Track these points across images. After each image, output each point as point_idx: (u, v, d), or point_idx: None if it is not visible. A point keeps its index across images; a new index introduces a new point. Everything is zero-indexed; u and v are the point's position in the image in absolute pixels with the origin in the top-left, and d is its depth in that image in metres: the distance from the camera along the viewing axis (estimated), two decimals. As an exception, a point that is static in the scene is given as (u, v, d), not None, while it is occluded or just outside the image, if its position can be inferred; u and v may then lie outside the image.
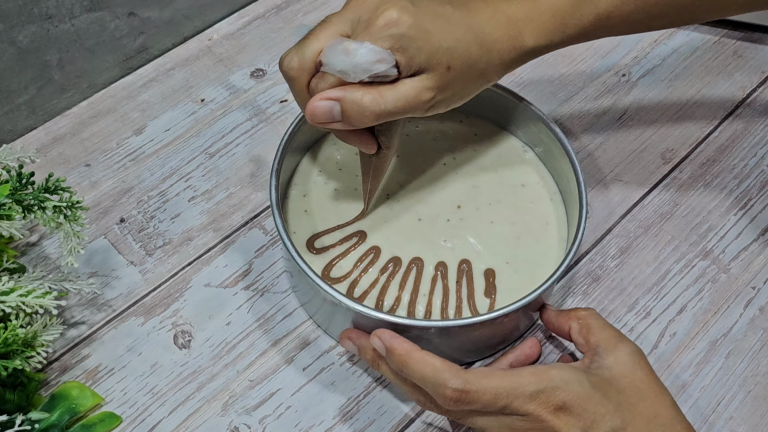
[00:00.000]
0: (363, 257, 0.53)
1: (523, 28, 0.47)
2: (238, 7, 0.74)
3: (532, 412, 0.42)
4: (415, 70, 0.44)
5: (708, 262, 0.59)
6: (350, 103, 0.43)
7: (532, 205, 0.56)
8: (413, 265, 0.53)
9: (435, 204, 0.56)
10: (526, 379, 0.42)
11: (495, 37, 0.47)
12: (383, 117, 0.44)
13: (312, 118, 0.44)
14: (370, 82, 0.43)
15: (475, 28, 0.46)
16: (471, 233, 0.55)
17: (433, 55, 0.44)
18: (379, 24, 0.43)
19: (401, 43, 0.42)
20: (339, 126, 0.44)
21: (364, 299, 0.52)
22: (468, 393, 0.42)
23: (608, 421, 0.42)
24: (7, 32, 0.59)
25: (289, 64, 0.44)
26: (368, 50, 0.42)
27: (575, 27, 0.48)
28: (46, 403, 0.51)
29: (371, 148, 0.49)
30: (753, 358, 0.55)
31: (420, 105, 0.45)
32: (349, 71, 0.42)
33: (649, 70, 0.71)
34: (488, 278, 0.53)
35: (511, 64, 0.48)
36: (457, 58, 0.45)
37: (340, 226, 0.55)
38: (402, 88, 0.44)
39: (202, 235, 0.60)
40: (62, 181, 0.49)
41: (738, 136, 0.67)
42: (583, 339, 0.48)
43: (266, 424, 0.52)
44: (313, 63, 0.44)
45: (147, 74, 0.69)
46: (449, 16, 0.45)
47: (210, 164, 0.64)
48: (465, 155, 0.59)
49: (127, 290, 0.57)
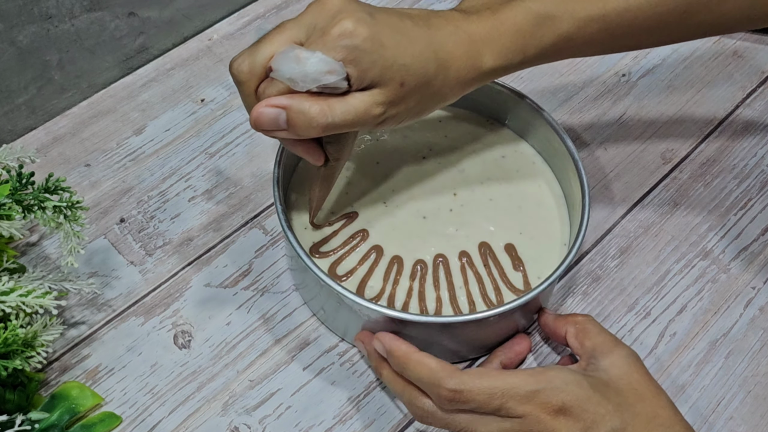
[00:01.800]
0: (389, 270, 0.53)
1: (483, 48, 0.46)
2: (238, 7, 0.74)
3: (529, 413, 0.42)
4: (366, 84, 0.43)
5: (708, 262, 0.59)
6: (297, 112, 0.42)
7: (518, 172, 0.58)
8: (439, 263, 0.54)
9: (431, 198, 0.56)
10: (522, 380, 0.42)
11: (454, 55, 0.45)
12: (330, 129, 0.43)
13: (256, 124, 0.43)
14: (320, 92, 0.42)
15: (434, 44, 0.44)
16: (477, 216, 0.56)
17: (387, 70, 0.42)
18: (334, 34, 0.41)
19: (354, 55, 0.41)
20: (284, 135, 0.43)
21: (408, 307, 0.52)
22: (462, 393, 0.42)
23: (608, 421, 0.42)
24: (7, 32, 0.59)
25: (239, 67, 0.43)
26: (319, 60, 0.41)
27: (536, 48, 0.47)
28: (46, 403, 0.51)
29: (318, 159, 0.48)
30: (753, 358, 0.55)
31: (369, 120, 0.43)
32: (298, 80, 0.41)
33: (649, 70, 0.71)
34: (510, 253, 0.54)
35: (469, 83, 0.47)
36: (411, 75, 0.43)
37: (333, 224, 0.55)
38: (351, 102, 0.43)
39: (202, 235, 0.60)
40: (62, 181, 0.49)
41: (738, 136, 0.67)
42: (578, 343, 0.48)
43: (266, 424, 0.52)
44: (264, 68, 0.43)
45: (147, 74, 0.69)
46: (408, 31, 0.44)
47: (210, 164, 0.64)
48: (440, 144, 0.59)
49: (127, 290, 0.57)
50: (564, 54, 0.49)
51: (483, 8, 0.47)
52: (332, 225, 0.55)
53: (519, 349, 0.53)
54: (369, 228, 0.55)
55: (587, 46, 0.49)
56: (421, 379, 0.44)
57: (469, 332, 0.51)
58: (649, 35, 0.50)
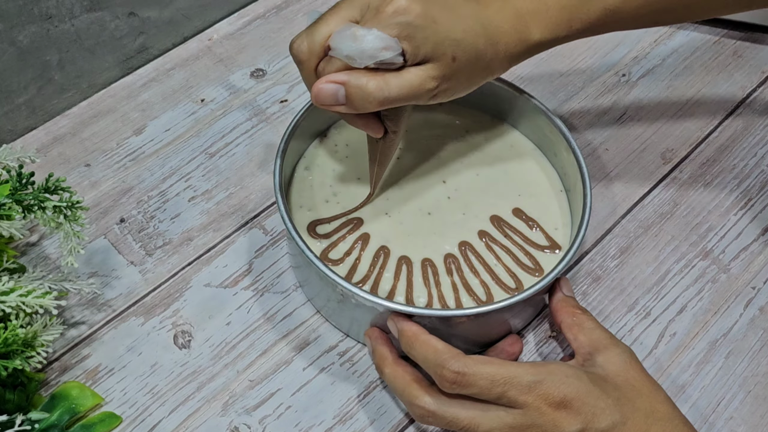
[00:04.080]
0: (425, 277, 0.53)
1: (530, 22, 0.48)
2: (238, 7, 0.74)
3: (530, 404, 0.42)
4: (420, 59, 0.44)
5: (708, 262, 0.59)
6: (355, 87, 0.44)
7: (488, 142, 0.60)
8: (464, 251, 0.54)
9: (424, 191, 0.57)
10: (525, 370, 0.43)
11: (502, 30, 0.47)
12: (387, 103, 0.45)
13: (317, 100, 0.45)
14: (376, 68, 0.44)
15: (482, 20, 0.46)
16: (474, 194, 0.57)
17: (440, 45, 0.44)
18: (388, 11, 0.43)
19: (408, 32, 0.43)
20: (343, 109, 0.45)
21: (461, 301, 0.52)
22: (465, 375, 0.43)
23: (608, 415, 0.42)
24: (7, 32, 0.59)
25: (299, 47, 0.45)
26: (375, 37, 0.42)
27: (582, 21, 0.49)
28: (46, 403, 0.51)
29: (378, 132, 0.50)
30: (753, 358, 0.55)
31: (423, 93, 0.45)
32: (355, 57, 0.43)
33: (649, 70, 0.71)
34: (520, 216, 0.56)
35: (517, 57, 0.49)
36: (463, 50, 0.45)
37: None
38: (407, 76, 0.44)
39: (202, 235, 0.60)
40: (62, 181, 0.49)
41: (738, 136, 0.67)
42: (572, 335, 0.48)
43: (266, 424, 0.52)
44: (322, 47, 0.45)
45: (147, 74, 0.69)
46: (458, 7, 0.46)
47: (210, 164, 0.64)
48: (409, 139, 0.60)
49: (127, 290, 0.57)
50: (610, 27, 0.50)
51: None
52: (331, 237, 0.55)
53: (511, 351, 0.53)
54: (387, 244, 0.54)
55: (632, 20, 0.50)
56: (426, 359, 0.45)
57: (470, 327, 0.51)
58: (692, 8, 0.50)
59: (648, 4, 0.49)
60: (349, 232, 0.55)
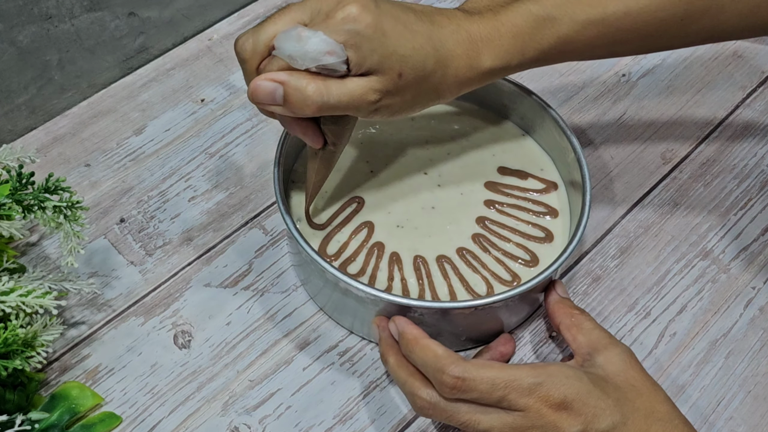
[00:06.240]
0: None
1: (482, 48, 0.46)
2: (238, 7, 0.74)
3: (531, 406, 0.42)
4: (365, 70, 0.43)
5: (708, 262, 0.59)
6: (293, 88, 0.43)
7: (458, 125, 0.61)
8: (486, 225, 0.55)
9: (418, 188, 0.57)
10: (525, 372, 0.43)
11: (454, 53, 0.46)
12: (325, 109, 0.43)
13: (253, 96, 0.44)
14: (318, 73, 0.43)
15: (434, 41, 0.45)
16: (458, 172, 0.58)
17: (386, 58, 0.43)
18: (338, 17, 0.42)
19: (356, 40, 0.42)
20: (280, 110, 0.44)
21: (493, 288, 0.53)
22: (465, 380, 0.43)
23: (608, 416, 0.42)
24: (7, 32, 0.59)
25: (243, 45, 0.44)
26: (320, 40, 0.42)
27: (536, 50, 0.48)
28: (46, 403, 0.51)
29: (316, 142, 0.48)
30: (753, 358, 0.55)
31: (364, 105, 0.44)
32: (297, 57, 0.42)
33: (649, 70, 0.71)
34: (506, 172, 0.58)
35: (466, 83, 0.47)
36: (410, 67, 0.44)
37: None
38: (349, 85, 0.43)
39: (202, 235, 0.60)
40: (62, 181, 0.49)
41: (738, 136, 0.67)
42: (571, 336, 0.48)
43: (266, 424, 0.52)
44: (267, 46, 0.44)
45: (147, 74, 0.69)
46: (411, 24, 0.44)
47: (210, 164, 0.64)
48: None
49: (127, 290, 0.57)
50: (564, 57, 0.49)
51: (485, 9, 0.47)
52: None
53: (504, 350, 0.53)
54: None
55: (587, 50, 0.49)
56: (426, 364, 0.44)
57: (471, 319, 0.52)
58: (649, 40, 0.50)
59: (603, 35, 0.48)
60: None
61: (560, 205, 0.56)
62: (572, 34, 0.48)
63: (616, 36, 0.48)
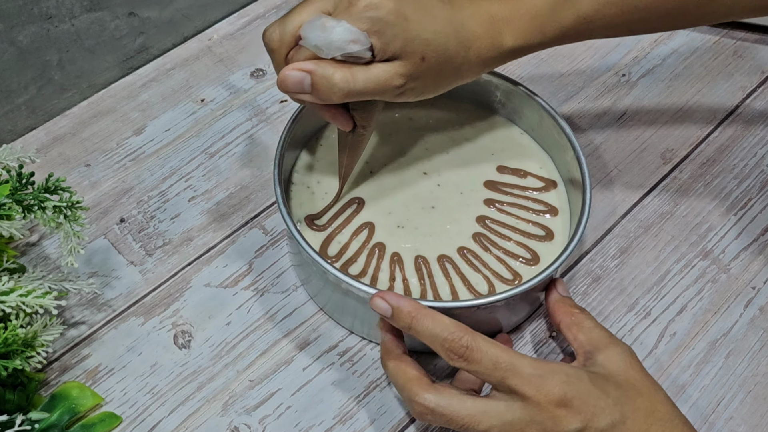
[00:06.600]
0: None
1: (504, 28, 0.48)
2: (238, 7, 0.74)
3: (530, 396, 0.42)
4: (389, 56, 0.44)
5: (708, 262, 0.59)
6: (320, 77, 0.44)
7: (457, 125, 0.61)
8: (486, 224, 0.55)
9: (415, 188, 0.57)
10: (527, 362, 0.43)
11: (475, 34, 0.47)
12: (352, 96, 0.45)
13: (282, 86, 0.45)
14: (344, 61, 0.44)
15: (455, 23, 0.46)
16: (454, 172, 0.58)
17: (409, 43, 0.44)
18: (360, 5, 0.43)
19: (378, 27, 0.43)
20: (308, 98, 0.45)
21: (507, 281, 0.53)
22: (473, 351, 0.43)
23: (608, 415, 0.42)
24: (7, 32, 0.59)
25: (270, 36, 0.46)
26: (344, 29, 0.43)
27: (555, 29, 0.49)
28: (46, 403, 0.51)
29: (346, 125, 0.50)
30: (753, 358, 0.55)
31: (390, 90, 0.45)
32: (323, 47, 0.43)
33: (649, 70, 0.71)
34: (506, 171, 0.58)
35: (489, 63, 0.49)
36: (433, 50, 0.45)
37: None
38: (374, 71, 0.45)
39: (202, 235, 0.60)
40: (62, 181, 0.49)
41: (738, 136, 0.67)
42: (572, 335, 0.48)
43: (266, 424, 0.52)
44: (293, 37, 0.45)
45: (147, 74, 0.69)
46: (432, 7, 0.46)
47: (210, 164, 0.64)
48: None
49: (127, 290, 0.57)
50: (583, 35, 0.50)
51: None
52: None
53: None
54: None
55: (606, 28, 0.50)
56: (434, 334, 0.44)
57: (476, 315, 0.52)
58: (668, 18, 0.51)
59: (622, 14, 0.49)
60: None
61: (560, 203, 0.56)
62: (592, 12, 0.49)
63: (635, 14, 0.49)
